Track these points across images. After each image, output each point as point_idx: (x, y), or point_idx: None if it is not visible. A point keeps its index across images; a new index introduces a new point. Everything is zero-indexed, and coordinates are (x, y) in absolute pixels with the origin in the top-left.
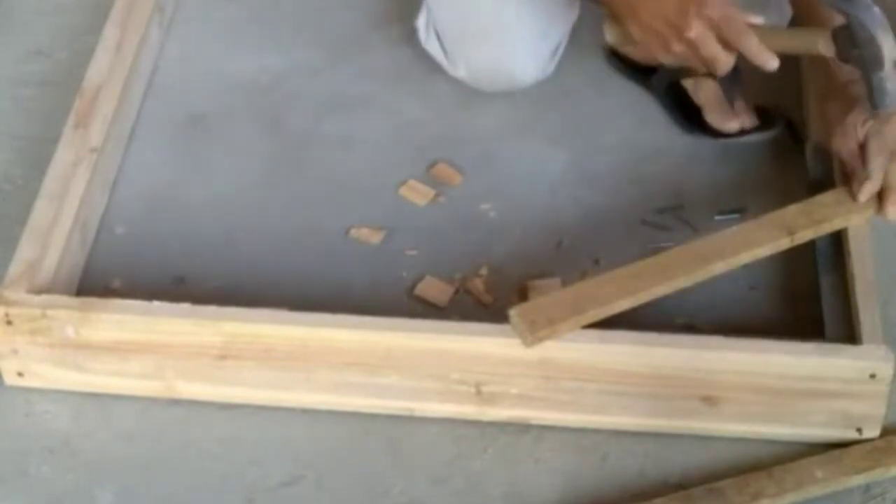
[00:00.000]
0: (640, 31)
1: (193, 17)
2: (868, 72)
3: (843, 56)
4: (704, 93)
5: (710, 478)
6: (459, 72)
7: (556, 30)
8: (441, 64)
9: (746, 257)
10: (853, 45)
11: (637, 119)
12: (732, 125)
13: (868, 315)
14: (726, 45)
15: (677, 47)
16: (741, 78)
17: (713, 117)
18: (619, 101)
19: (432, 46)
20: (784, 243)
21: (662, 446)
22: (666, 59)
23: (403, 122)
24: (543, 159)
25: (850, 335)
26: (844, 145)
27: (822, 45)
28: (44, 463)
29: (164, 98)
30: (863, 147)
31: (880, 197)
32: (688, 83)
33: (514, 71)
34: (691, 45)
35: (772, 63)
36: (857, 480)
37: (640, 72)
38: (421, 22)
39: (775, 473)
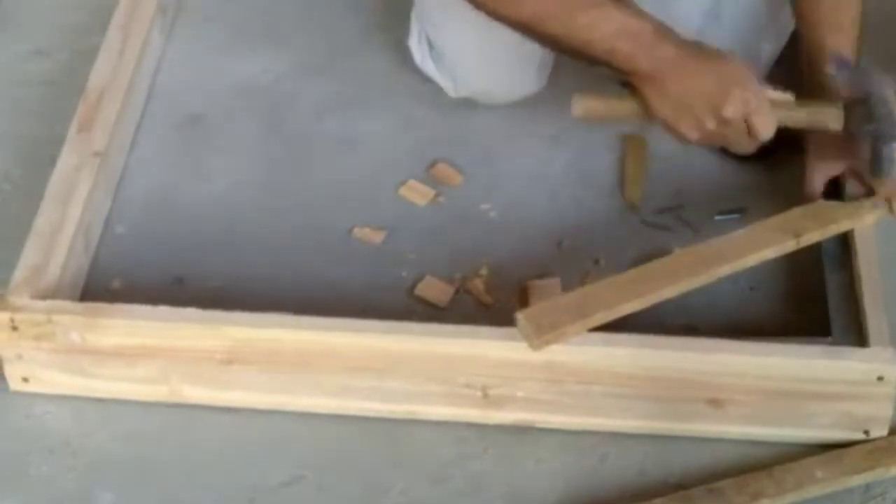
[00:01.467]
0: (667, 108)
1: (194, 19)
2: (881, 143)
3: (853, 130)
4: None
5: (710, 478)
6: (459, 92)
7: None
8: (438, 83)
9: (752, 260)
10: (869, 120)
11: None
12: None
13: (875, 317)
14: (749, 128)
15: (710, 124)
16: None
17: None
18: None
19: (428, 67)
20: (790, 245)
21: (662, 447)
22: (690, 136)
23: (403, 122)
24: (543, 159)
25: (856, 337)
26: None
27: (833, 122)
28: (44, 463)
29: (164, 99)
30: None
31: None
32: None
33: (511, 95)
34: (726, 124)
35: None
36: (857, 480)
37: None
38: (413, 42)
39: (775, 473)
